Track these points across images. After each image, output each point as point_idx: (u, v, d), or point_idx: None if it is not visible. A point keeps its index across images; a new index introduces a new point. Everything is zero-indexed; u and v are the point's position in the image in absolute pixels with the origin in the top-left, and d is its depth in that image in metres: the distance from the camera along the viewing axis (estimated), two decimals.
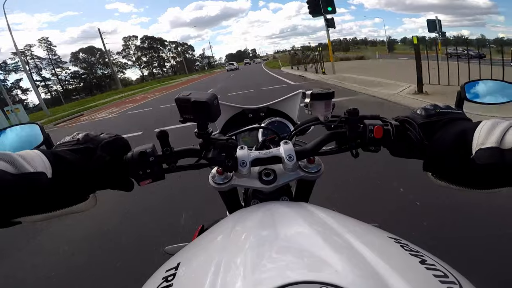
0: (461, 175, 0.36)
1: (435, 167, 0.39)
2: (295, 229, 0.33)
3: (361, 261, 0.25)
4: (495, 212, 1.50)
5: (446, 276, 0.24)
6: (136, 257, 1.58)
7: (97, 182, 0.38)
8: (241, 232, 0.34)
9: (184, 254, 0.35)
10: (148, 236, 1.78)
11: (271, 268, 0.25)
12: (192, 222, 1.81)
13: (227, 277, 0.24)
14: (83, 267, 1.60)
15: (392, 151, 0.45)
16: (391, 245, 0.30)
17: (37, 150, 0.33)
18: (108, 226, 1.99)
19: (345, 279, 0.22)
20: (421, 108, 0.43)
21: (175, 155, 0.42)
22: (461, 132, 0.35)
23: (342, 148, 0.46)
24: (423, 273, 0.24)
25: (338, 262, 0.24)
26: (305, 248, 0.28)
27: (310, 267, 0.24)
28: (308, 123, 0.50)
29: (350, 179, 2.12)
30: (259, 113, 0.74)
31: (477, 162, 0.31)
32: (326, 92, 0.43)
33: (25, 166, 0.29)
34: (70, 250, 1.80)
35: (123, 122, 7.80)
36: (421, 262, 0.26)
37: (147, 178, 0.41)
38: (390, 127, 0.42)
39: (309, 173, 0.46)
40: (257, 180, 0.45)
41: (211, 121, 0.40)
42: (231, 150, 0.42)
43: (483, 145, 0.31)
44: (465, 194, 0.37)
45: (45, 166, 0.31)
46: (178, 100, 0.38)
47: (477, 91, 0.51)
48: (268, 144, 0.58)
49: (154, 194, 2.27)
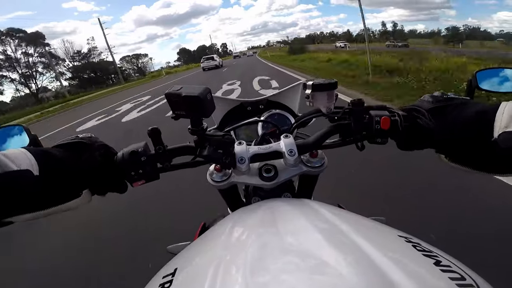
0: (479, 159, 0.35)
1: (449, 150, 0.38)
2: (297, 229, 0.32)
3: (368, 263, 0.23)
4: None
5: (463, 278, 0.22)
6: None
7: (88, 182, 0.37)
8: (242, 233, 0.33)
9: (181, 258, 0.34)
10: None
11: (273, 271, 0.24)
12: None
13: (227, 280, 0.23)
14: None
15: (399, 143, 0.43)
16: (402, 245, 0.28)
17: (22, 149, 0.32)
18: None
19: (351, 283, 0.20)
20: (428, 95, 0.41)
21: (168, 154, 0.40)
22: (479, 113, 0.34)
23: (346, 141, 0.44)
24: (438, 275, 0.23)
25: (343, 264, 0.23)
26: (309, 249, 0.27)
27: (313, 270, 0.23)
28: (310, 115, 0.47)
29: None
30: (258, 105, 0.71)
31: (500, 145, 0.30)
32: (329, 82, 0.40)
33: (9, 165, 0.28)
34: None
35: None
36: (436, 263, 0.24)
37: (140, 179, 0.39)
38: (398, 118, 0.39)
39: (312, 167, 0.44)
40: (257, 177, 0.43)
41: (204, 117, 0.37)
42: (228, 146, 0.40)
43: (507, 128, 0.30)
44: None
45: (31, 164, 0.30)
46: (168, 95, 0.36)
47: (489, 79, 0.49)
48: (268, 138, 0.56)
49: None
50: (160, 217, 1.93)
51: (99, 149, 0.38)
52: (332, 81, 0.40)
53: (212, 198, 0.49)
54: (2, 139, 0.42)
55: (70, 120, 8.41)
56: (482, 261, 1.08)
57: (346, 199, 1.77)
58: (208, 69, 23.03)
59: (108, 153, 0.39)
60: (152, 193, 2.13)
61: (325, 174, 0.46)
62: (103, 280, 1.45)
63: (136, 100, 9.92)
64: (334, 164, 0.63)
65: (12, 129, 0.42)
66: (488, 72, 0.49)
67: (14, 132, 0.42)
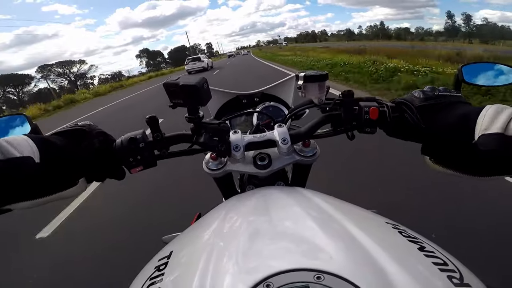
0: (461, 161, 0.35)
1: (434, 151, 0.39)
2: (289, 215, 0.33)
3: (357, 247, 0.24)
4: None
5: (445, 264, 0.23)
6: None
7: (86, 169, 0.37)
8: (235, 219, 0.34)
9: (177, 243, 0.35)
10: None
11: (265, 256, 0.25)
12: None
13: (219, 265, 0.24)
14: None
15: (388, 131, 0.44)
16: (389, 231, 0.29)
17: (23, 136, 0.32)
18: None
19: (341, 266, 0.21)
20: (419, 90, 0.42)
21: (166, 141, 0.41)
22: (462, 116, 0.34)
23: (337, 131, 0.45)
24: (422, 260, 0.24)
25: (334, 248, 0.24)
26: (300, 234, 0.27)
27: (304, 254, 0.24)
28: (302, 106, 0.49)
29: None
30: (254, 98, 0.72)
31: (480, 148, 0.30)
32: (320, 74, 0.42)
33: (11, 151, 0.28)
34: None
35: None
36: (420, 249, 0.25)
37: (138, 165, 0.40)
38: (386, 109, 0.41)
39: (305, 157, 0.45)
40: (252, 165, 0.45)
41: (201, 105, 0.39)
42: (223, 134, 0.41)
43: (486, 131, 0.30)
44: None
45: (32, 151, 0.30)
46: (166, 85, 0.37)
47: (474, 73, 0.51)
48: (263, 128, 0.57)
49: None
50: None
51: (98, 136, 0.39)
52: (323, 73, 0.42)
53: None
54: (5, 128, 0.43)
55: None
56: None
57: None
58: (195, 72, 18.48)
59: (106, 140, 0.40)
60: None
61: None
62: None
63: None
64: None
65: (15, 118, 0.43)
66: (473, 67, 0.51)
67: (17, 121, 0.43)
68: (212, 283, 0.22)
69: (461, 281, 0.22)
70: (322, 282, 0.20)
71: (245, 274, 0.22)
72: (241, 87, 6.73)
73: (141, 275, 0.30)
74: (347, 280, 0.20)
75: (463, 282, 0.21)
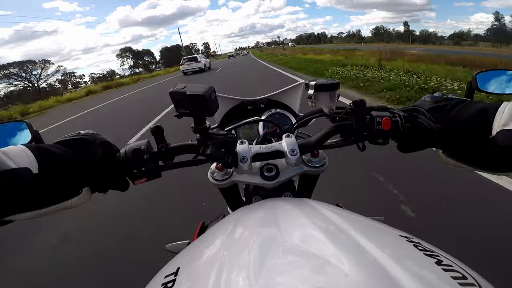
0: (476, 155, 0.35)
1: (447, 145, 0.38)
2: (299, 228, 0.32)
3: (371, 263, 0.23)
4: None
5: (464, 277, 0.23)
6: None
7: (89, 179, 0.37)
8: (244, 233, 0.33)
9: (183, 258, 0.34)
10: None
11: (277, 272, 0.24)
12: None
13: (230, 283, 0.23)
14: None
15: (400, 145, 0.43)
16: (404, 245, 0.28)
17: (22, 146, 0.32)
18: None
19: (355, 285, 0.20)
20: (429, 95, 0.42)
21: (171, 152, 0.40)
22: (479, 112, 0.34)
23: (347, 141, 0.44)
24: (440, 275, 0.23)
25: (346, 264, 0.23)
26: (311, 249, 0.26)
27: (316, 271, 0.23)
28: (312, 115, 0.47)
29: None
30: (259, 104, 0.71)
31: (497, 143, 0.30)
32: (331, 82, 0.40)
33: (7, 163, 0.28)
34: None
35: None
36: (437, 263, 0.24)
37: (142, 176, 0.39)
38: (399, 118, 0.40)
39: (313, 167, 0.44)
40: (259, 176, 0.43)
41: (208, 115, 0.37)
42: (230, 145, 0.40)
43: (505, 126, 0.30)
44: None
45: (30, 162, 0.30)
46: (172, 93, 0.36)
47: (489, 81, 0.50)
48: (270, 137, 0.56)
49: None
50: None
51: (101, 146, 0.38)
52: (334, 82, 0.41)
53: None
54: (6, 135, 0.42)
55: None
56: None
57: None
58: (192, 73, 17.54)
59: (110, 150, 0.39)
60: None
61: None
62: None
63: None
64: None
65: (15, 125, 0.42)
66: (488, 74, 0.50)
67: (17, 128, 0.42)
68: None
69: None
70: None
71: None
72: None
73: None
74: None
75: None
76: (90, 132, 0.39)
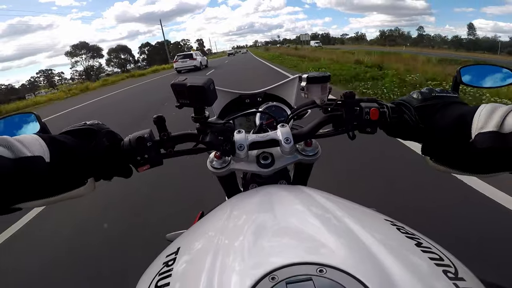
0: (460, 160, 0.36)
1: (434, 151, 0.40)
2: (293, 212, 0.34)
3: (358, 243, 0.25)
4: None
5: (441, 259, 0.25)
6: None
7: (95, 168, 0.38)
8: (240, 216, 0.35)
9: (183, 239, 0.35)
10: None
11: (270, 251, 0.26)
12: None
13: (226, 260, 0.25)
14: None
15: (388, 132, 0.45)
16: (388, 228, 0.30)
17: (34, 135, 0.32)
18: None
19: (342, 260, 0.22)
20: (417, 91, 0.43)
21: (172, 140, 0.42)
22: (459, 116, 0.35)
23: (338, 131, 0.46)
24: (419, 255, 0.25)
25: (335, 244, 0.25)
26: (303, 230, 0.28)
27: (307, 249, 0.25)
28: (305, 107, 0.50)
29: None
30: (257, 98, 0.73)
31: (476, 146, 0.31)
32: (323, 75, 0.43)
33: (23, 150, 0.28)
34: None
35: None
36: (417, 244, 0.26)
37: (145, 164, 0.41)
38: (386, 109, 0.42)
39: (307, 156, 0.46)
40: (255, 164, 0.46)
41: (207, 105, 0.40)
42: (228, 134, 0.42)
43: (482, 129, 0.31)
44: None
45: (43, 150, 0.30)
46: (174, 85, 0.38)
47: (472, 75, 0.52)
48: (266, 128, 0.58)
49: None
50: None
51: (106, 135, 0.40)
52: (326, 74, 0.43)
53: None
54: (15, 126, 0.43)
55: None
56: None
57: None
58: (186, 71, 16.19)
59: (114, 139, 0.41)
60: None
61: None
62: None
63: None
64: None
65: (24, 117, 0.44)
66: (470, 69, 0.52)
67: (26, 119, 0.43)
68: (219, 278, 0.23)
69: (455, 275, 0.22)
70: (324, 275, 0.21)
71: (251, 268, 0.23)
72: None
73: (149, 271, 0.31)
74: (348, 273, 0.21)
75: (458, 276, 0.22)
76: (95, 122, 0.41)
